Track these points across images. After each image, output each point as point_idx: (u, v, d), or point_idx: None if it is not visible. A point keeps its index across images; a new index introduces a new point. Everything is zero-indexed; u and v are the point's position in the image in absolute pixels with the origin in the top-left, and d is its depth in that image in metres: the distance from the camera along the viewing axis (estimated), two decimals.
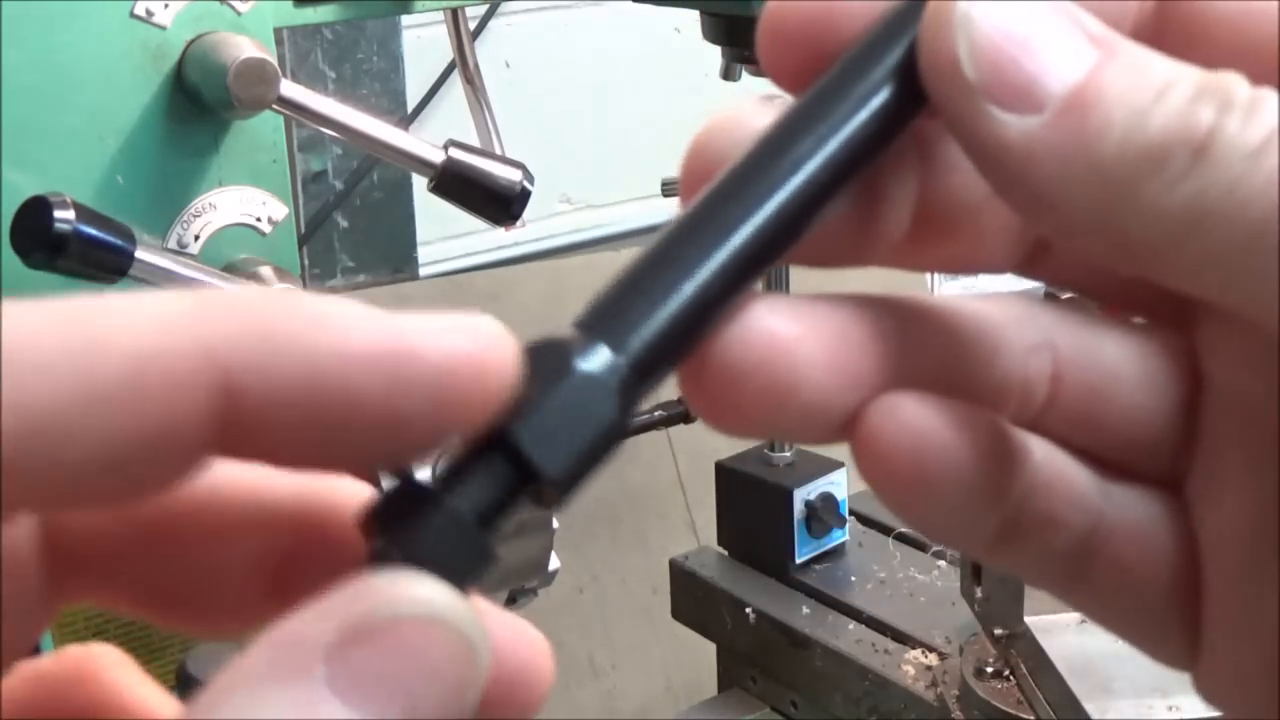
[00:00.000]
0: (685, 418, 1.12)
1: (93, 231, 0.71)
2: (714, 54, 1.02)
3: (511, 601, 1.06)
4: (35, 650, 0.26)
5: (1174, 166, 0.22)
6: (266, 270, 0.82)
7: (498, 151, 0.93)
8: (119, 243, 0.72)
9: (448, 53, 1.01)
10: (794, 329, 0.24)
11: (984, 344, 0.26)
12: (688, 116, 0.26)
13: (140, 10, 0.77)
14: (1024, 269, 0.29)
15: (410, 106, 1.85)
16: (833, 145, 0.24)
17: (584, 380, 0.22)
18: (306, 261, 1.80)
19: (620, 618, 1.73)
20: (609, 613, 1.74)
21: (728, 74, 1.02)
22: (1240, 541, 0.26)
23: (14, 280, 0.75)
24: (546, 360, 0.23)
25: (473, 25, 1.22)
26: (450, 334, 0.24)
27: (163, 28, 0.77)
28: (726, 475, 1.21)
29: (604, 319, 0.23)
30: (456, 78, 1.00)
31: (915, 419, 0.25)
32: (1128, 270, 0.24)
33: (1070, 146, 0.22)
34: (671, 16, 1.09)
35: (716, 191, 0.24)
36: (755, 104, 0.25)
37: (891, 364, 0.25)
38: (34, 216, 0.70)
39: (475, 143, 0.91)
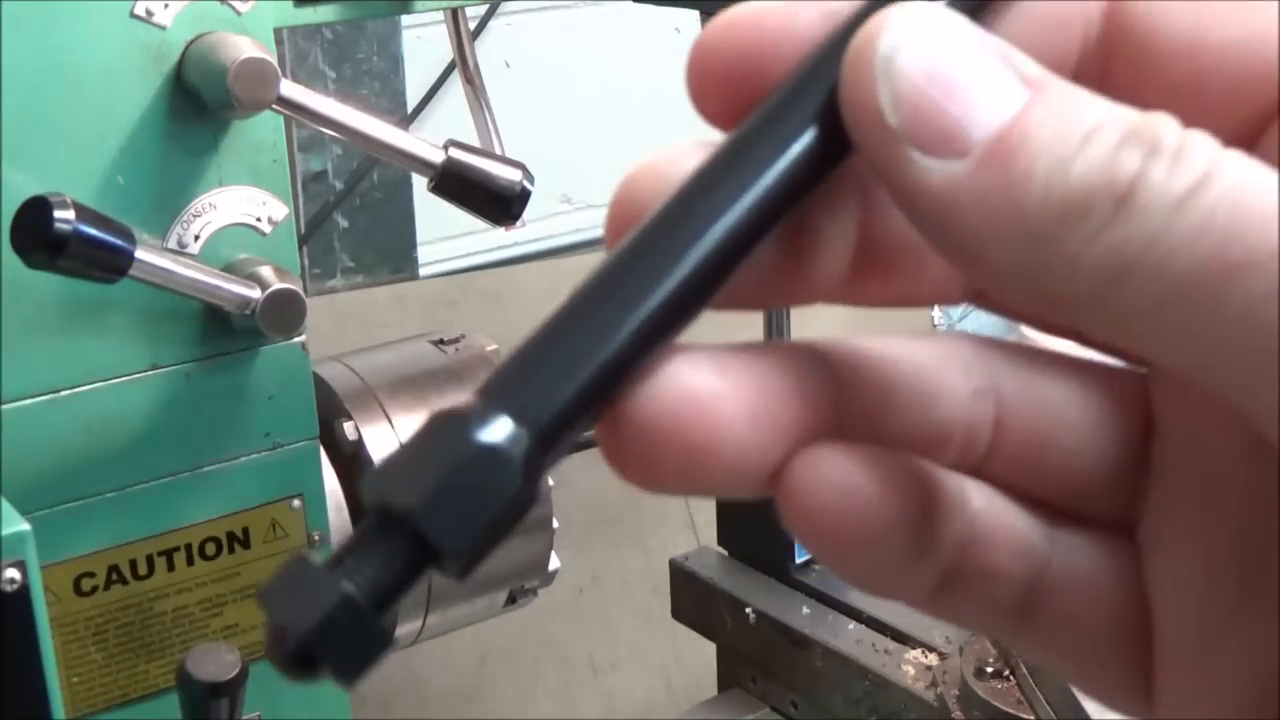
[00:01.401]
0: None
1: (93, 231, 0.71)
2: None
3: (511, 601, 1.06)
4: (34, 650, 0.26)
5: (1095, 218, 0.21)
6: (266, 270, 0.82)
7: (498, 151, 0.93)
8: (119, 243, 0.72)
9: (448, 53, 1.01)
10: (714, 385, 0.23)
11: (922, 389, 0.25)
12: (687, 116, 0.26)
13: (140, 10, 0.77)
14: (973, 301, 0.28)
15: (410, 106, 1.85)
16: (753, 193, 0.23)
17: (484, 454, 0.21)
18: (306, 261, 1.80)
19: (620, 618, 1.73)
20: (609, 613, 1.74)
21: None
22: (1194, 592, 0.25)
23: (14, 280, 0.75)
24: (446, 433, 0.22)
25: (473, 25, 1.22)
26: None
27: (163, 28, 0.77)
28: None
29: (506, 387, 0.22)
30: (456, 78, 1.00)
31: (838, 473, 0.24)
32: (1061, 323, 0.23)
33: (993, 195, 0.21)
34: (671, 16, 1.09)
35: (631, 244, 0.23)
36: (685, 147, 0.24)
37: (819, 415, 0.24)
38: (34, 216, 0.70)
39: (475, 143, 0.91)
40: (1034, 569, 0.26)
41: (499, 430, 0.21)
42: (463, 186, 0.84)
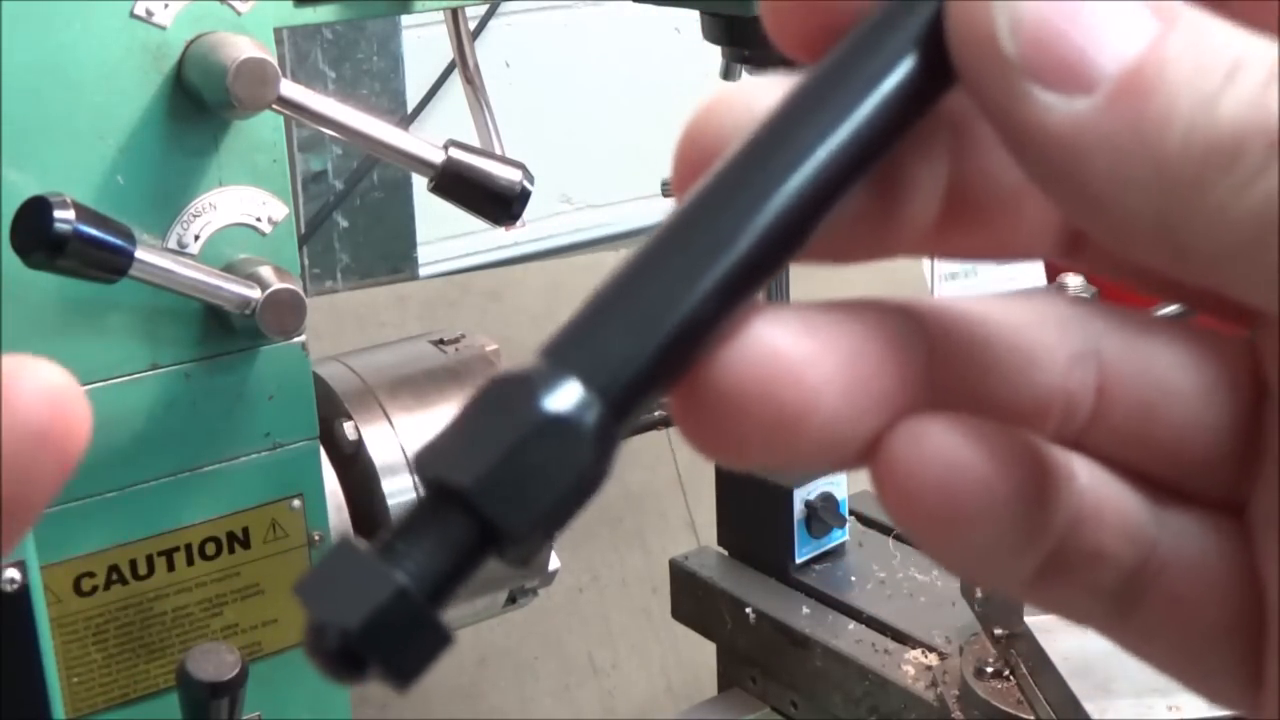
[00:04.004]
0: None
1: (93, 231, 0.71)
2: (714, 54, 1.02)
3: (511, 601, 1.06)
4: (34, 650, 0.26)
5: (1248, 163, 0.18)
6: (266, 270, 0.82)
7: (498, 151, 0.93)
8: (119, 243, 0.72)
9: (448, 53, 1.01)
10: (803, 347, 0.21)
11: (1020, 354, 0.23)
12: (687, 116, 0.25)
13: (140, 10, 0.77)
14: (1063, 256, 0.25)
15: (410, 106, 1.85)
16: (844, 132, 0.20)
17: (552, 424, 0.19)
18: (306, 261, 1.80)
19: (620, 618, 1.73)
20: (609, 613, 1.74)
21: (728, 74, 1.02)
22: None
23: (14, 280, 0.75)
24: (508, 399, 0.19)
25: (473, 25, 1.22)
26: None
27: (163, 28, 0.77)
28: (726, 475, 1.21)
29: (575, 347, 0.20)
30: (456, 78, 1.00)
31: (944, 447, 0.22)
32: (1191, 281, 0.20)
33: (1126, 136, 0.19)
34: (671, 16, 1.09)
35: (711, 188, 0.21)
36: (759, 81, 0.22)
37: (915, 381, 0.22)
38: (34, 216, 0.70)
39: (475, 143, 0.91)
40: (1141, 552, 0.23)
41: (568, 396, 0.19)
42: (463, 186, 0.84)
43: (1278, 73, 0.19)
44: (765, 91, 0.21)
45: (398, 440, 0.95)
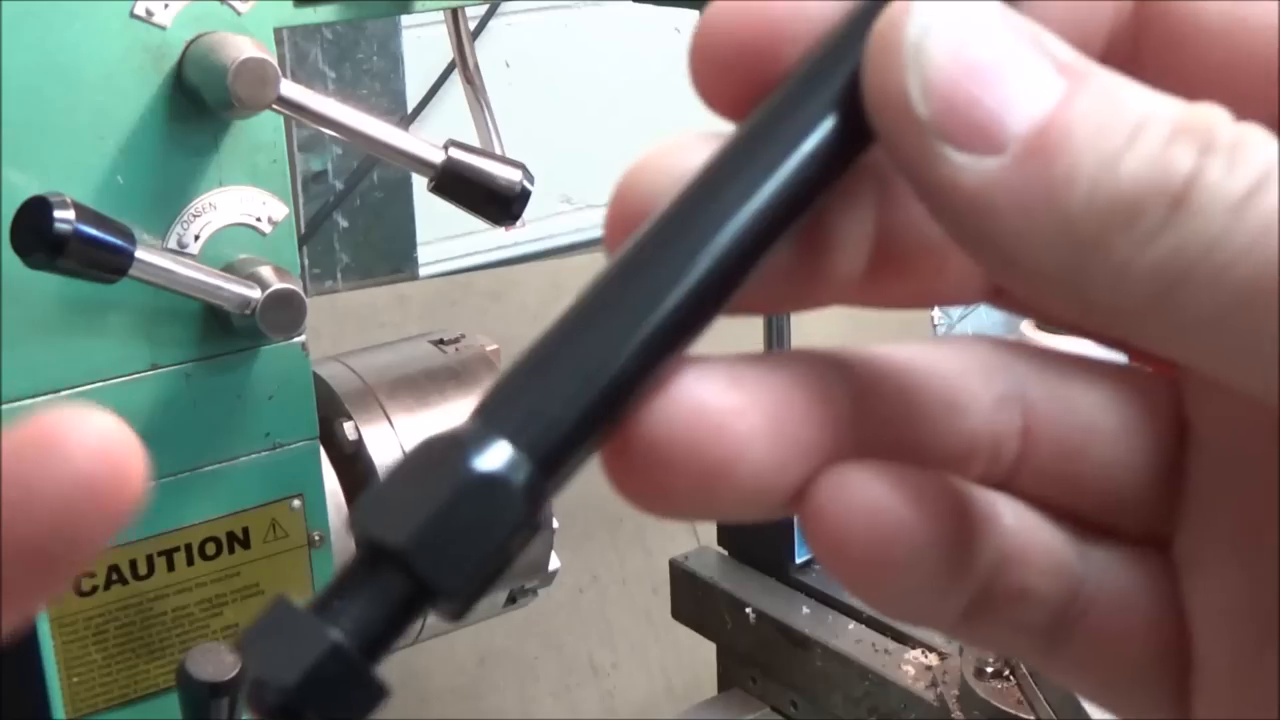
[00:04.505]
0: None
1: (93, 231, 0.71)
2: None
3: (511, 601, 1.06)
4: (34, 650, 0.26)
5: (1148, 222, 0.19)
6: (266, 270, 0.82)
7: (498, 151, 0.93)
8: (119, 243, 0.72)
9: (448, 53, 1.01)
10: (729, 400, 0.21)
11: (945, 400, 0.24)
12: (688, 116, 0.25)
13: (140, 10, 0.77)
14: (992, 301, 0.26)
15: (410, 106, 1.85)
16: (767, 191, 0.21)
17: (482, 483, 0.19)
18: (306, 261, 1.80)
19: (620, 618, 1.73)
20: (609, 613, 1.74)
21: None
22: (1233, 613, 0.24)
23: (14, 280, 0.75)
24: (440, 460, 0.20)
25: (473, 25, 1.22)
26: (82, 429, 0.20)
27: (163, 28, 0.77)
28: None
29: (505, 407, 0.20)
30: (456, 78, 1.00)
31: (868, 494, 0.22)
32: (1102, 332, 0.21)
33: (1033, 195, 0.19)
34: (671, 16, 1.09)
35: (637, 247, 0.21)
36: (690, 139, 0.22)
37: (841, 430, 0.22)
38: (34, 216, 0.70)
39: (475, 143, 0.91)
40: (1068, 589, 0.24)
41: (497, 456, 0.20)
42: (463, 186, 0.84)
43: (1181, 130, 0.19)
44: (693, 151, 0.22)
45: (398, 440, 0.95)
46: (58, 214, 0.70)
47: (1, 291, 0.75)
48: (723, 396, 0.21)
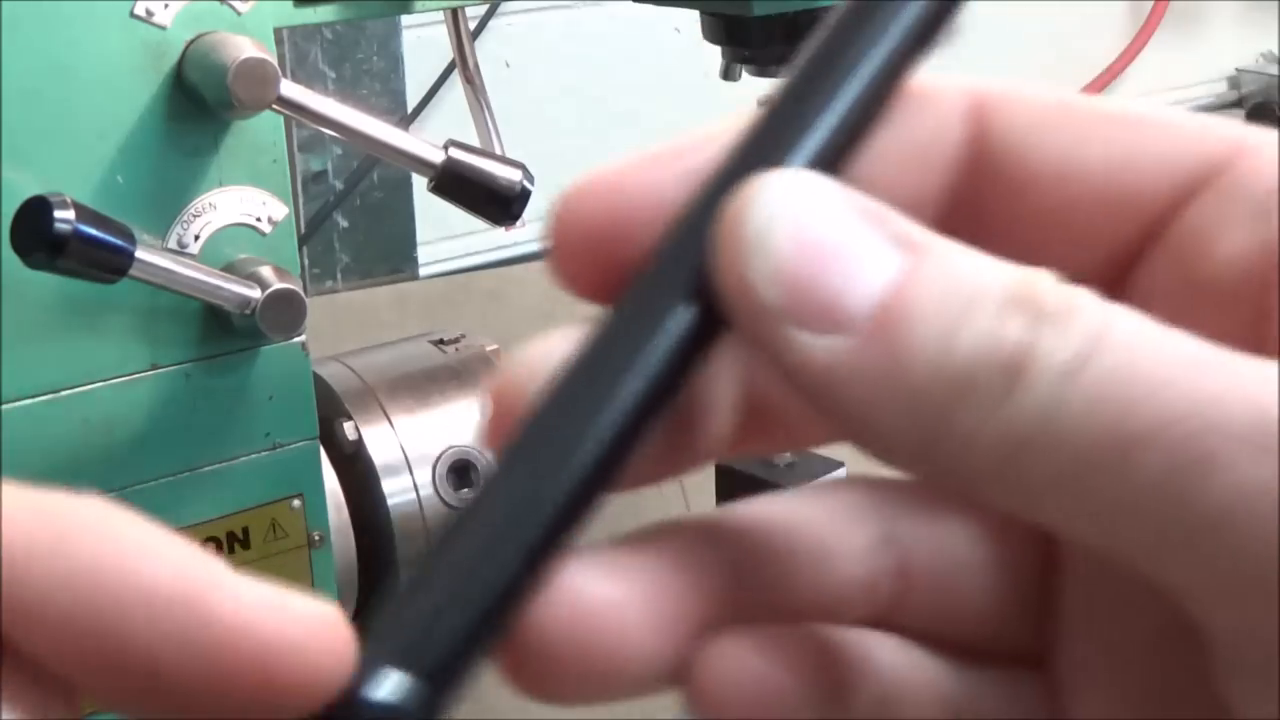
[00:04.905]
0: None
1: (93, 231, 0.71)
2: (714, 54, 1.02)
3: None
4: None
5: (984, 393, 0.19)
6: (266, 270, 0.82)
7: (498, 151, 0.93)
8: (119, 243, 0.72)
9: (448, 53, 1.01)
10: (609, 593, 0.22)
11: (817, 552, 0.25)
12: (687, 116, 0.25)
13: (140, 10, 0.77)
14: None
15: (410, 106, 1.85)
16: (631, 392, 0.21)
17: (376, 713, 0.20)
18: (306, 261, 1.80)
19: None
20: None
21: (728, 74, 1.02)
22: None
23: (14, 280, 0.75)
24: (335, 694, 0.21)
25: (473, 25, 1.22)
26: (260, 602, 0.20)
27: (163, 28, 0.77)
28: (726, 475, 1.21)
29: (389, 635, 0.21)
30: (456, 78, 1.00)
31: (745, 666, 0.23)
32: (957, 494, 0.22)
33: (878, 371, 0.20)
34: (671, 16, 1.09)
35: (511, 455, 0.22)
36: (556, 337, 0.23)
37: (721, 598, 0.24)
38: (34, 216, 0.70)
39: (475, 143, 0.91)
40: (949, 715, 0.25)
41: (388, 685, 0.21)
42: (463, 186, 0.84)
43: (1011, 301, 0.20)
44: (556, 351, 0.23)
45: (398, 440, 0.95)
46: (58, 214, 0.70)
47: (1, 291, 0.75)
48: (602, 590, 0.22)
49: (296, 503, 0.89)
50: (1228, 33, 2.48)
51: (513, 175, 0.85)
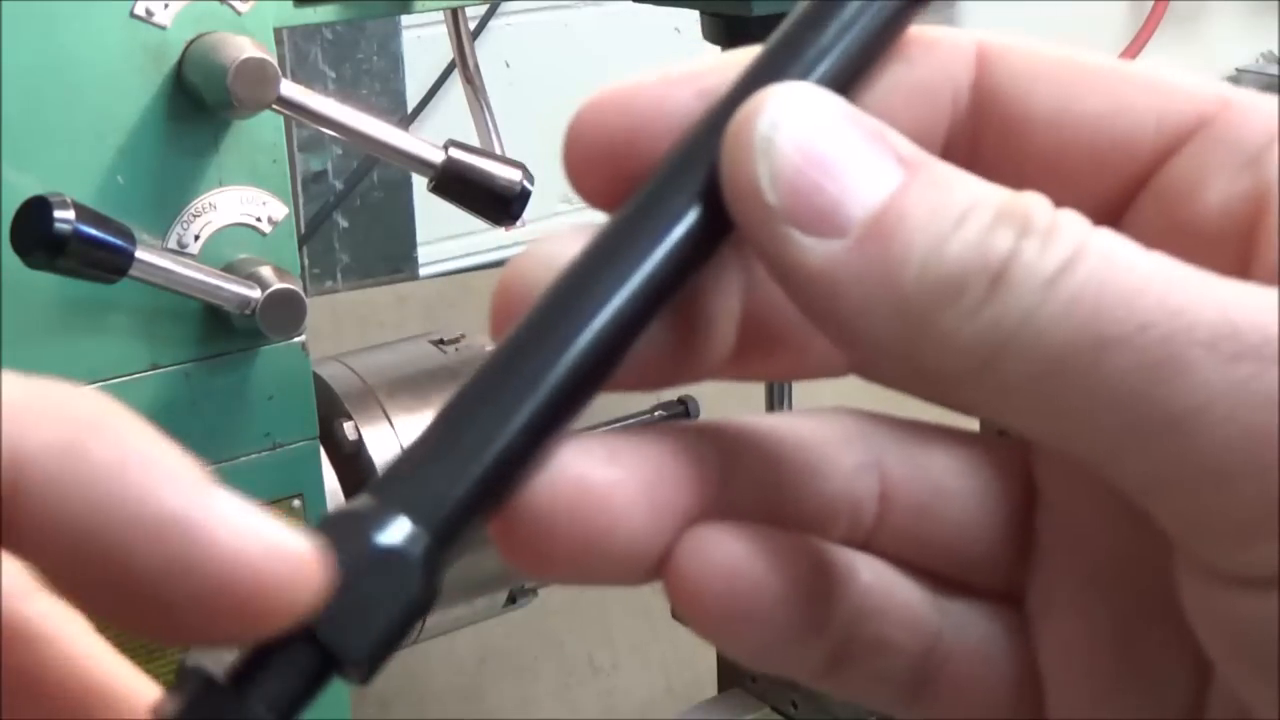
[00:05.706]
0: (685, 417, 1.11)
1: (93, 231, 0.71)
2: (714, 54, 1.02)
3: (511, 601, 1.06)
4: None
5: (970, 296, 0.21)
6: (266, 270, 0.82)
7: (498, 151, 0.93)
8: (119, 243, 0.72)
9: (448, 53, 1.01)
10: (607, 474, 0.23)
11: (807, 467, 0.26)
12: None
13: (140, 10, 0.77)
14: (860, 373, 0.28)
15: (410, 106, 1.85)
16: (637, 278, 0.23)
17: (384, 557, 0.21)
18: (306, 261, 1.80)
19: (620, 618, 1.73)
20: (609, 613, 1.73)
21: None
22: (1078, 662, 0.25)
23: (14, 280, 0.75)
24: (342, 536, 0.21)
25: (473, 25, 1.22)
26: (255, 537, 0.21)
27: (163, 28, 0.77)
28: None
29: (401, 486, 0.22)
30: (456, 78, 1.00)
31: (724, 554, 0.24)
32: (936, 401, 0.23)
33: (870, 274, 0.21)
34: (671, 16, 1.09)
35: (519, 334, 0.23)
36: (567, 233, 0.24)
37: (710, 496, 0.24)
38: (34, 216, 0.70)
39: (475, 143, 0.91)
40: (926, 641, 0.26)
41: (397, 531, 0.21)
42: (463, 186, 0.84)
43: (1002, 216, 0.21)
44: (568, 246, 0.24)
45: (398, 440, 0.95)
46: (58, 214, 0.70)
47: (1, 291, 0.75)
48: (601, 470, 0.23)
49: (296, 502, 0.89)
50: (1228, 33, 2.48)
51: (513, 175, 0.85)
